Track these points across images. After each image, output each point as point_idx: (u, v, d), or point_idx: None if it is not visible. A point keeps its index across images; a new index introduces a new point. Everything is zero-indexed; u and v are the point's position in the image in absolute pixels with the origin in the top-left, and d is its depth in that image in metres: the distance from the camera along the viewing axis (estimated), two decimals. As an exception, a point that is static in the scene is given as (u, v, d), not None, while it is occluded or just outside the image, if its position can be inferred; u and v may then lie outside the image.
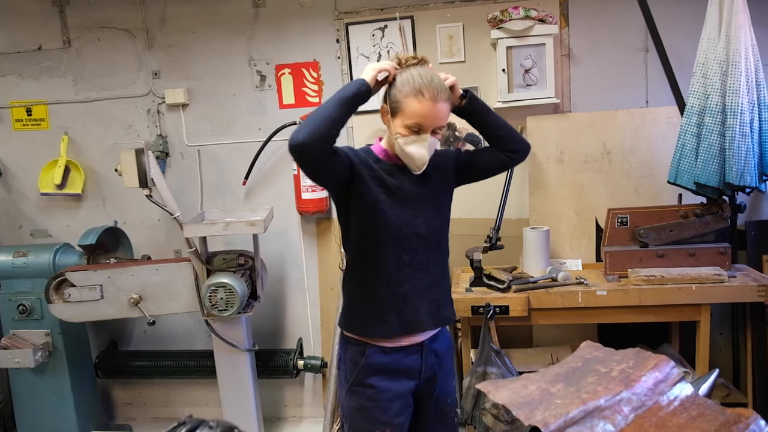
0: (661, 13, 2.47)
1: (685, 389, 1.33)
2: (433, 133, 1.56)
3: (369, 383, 1.63)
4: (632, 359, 1.40)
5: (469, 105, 1.67)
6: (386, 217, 1.58)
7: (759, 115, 2.16)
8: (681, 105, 2.39)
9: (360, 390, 1.64)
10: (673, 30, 2.51)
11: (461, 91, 1.65)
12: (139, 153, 2.40)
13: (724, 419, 1.21)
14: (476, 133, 1.79)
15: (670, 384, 1.33)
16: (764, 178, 2.22)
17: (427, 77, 1.53)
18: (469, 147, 2.72)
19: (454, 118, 1.70)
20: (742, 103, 2.11)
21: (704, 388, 1.40)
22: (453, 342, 1.79)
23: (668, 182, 2.37)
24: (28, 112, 3.08)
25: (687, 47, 2.46)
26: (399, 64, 1.58)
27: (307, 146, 1.43)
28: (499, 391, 1.33)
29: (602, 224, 2.59)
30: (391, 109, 1.56)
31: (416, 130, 1.53)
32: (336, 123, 1.47)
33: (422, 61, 1.58)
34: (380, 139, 1.68)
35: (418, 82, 1.51)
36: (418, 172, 1.60)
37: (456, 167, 1.74)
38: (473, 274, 2.51)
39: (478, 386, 1.36)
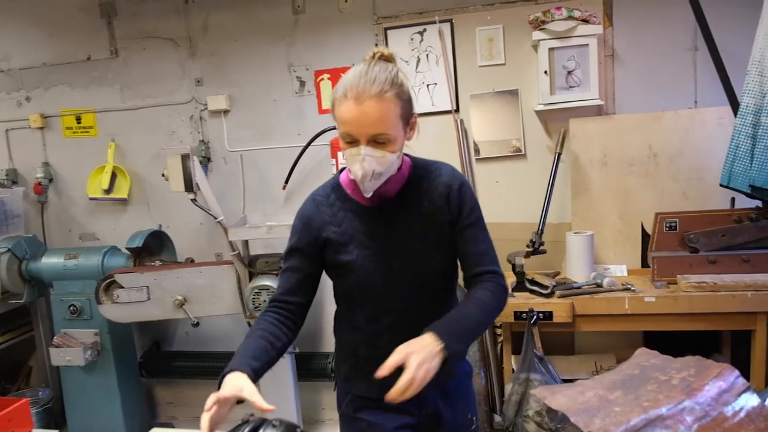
0: (711, 10, 2.40)
1: (751, 400, 1.28)
2: (376, 144, 1.22)
3: (359, 417, 1.44)
4: (693, 367, 1.36)
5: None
6: (357, 279, 1.33)
7: (819, 114, 2.07)
8: (734, 105, 2.31)
9: (350, 422, 1.47)
10: (724, 27, 2.43)
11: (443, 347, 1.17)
12: (185, 158, 2.45)
13: (796, 432, 1.16)
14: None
15: (735, 394, 1.29)
16: (825, 180, 2.13)
17: (357, 73, 1.22)
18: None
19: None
20: (801, 103, 2.02)
21: (770, 399, 1.35)
22: (470, 372, 1.54)
23: (720, 185, 2.29)
24: (78, 120, 3.19)
25: (738, 45, 2.37)
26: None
27: None
28: (555, 397, 1.31)
29: (648, 229, 2.52)
30: None
31: (350, 141, 1.24)
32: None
33: (387, 57, 1.28)
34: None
35: (343, 83, 1.23)
36: (368, 192, 1.29)
37: (454, 220, 1.35)
38: (515, 278, 2.47)
39: (533, 392, 1.34)
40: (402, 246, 1.34)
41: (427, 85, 2.75)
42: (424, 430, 1.46)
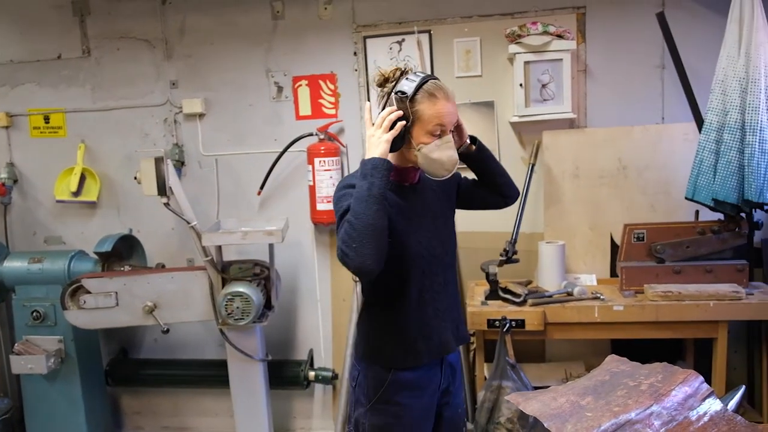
0: (678, 30, 2.50)
1: (714, 405, 1.32)
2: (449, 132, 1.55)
3: (395, 401, 1.60)
4: (660, 373, 1.40)
5: (479, 152, 1.67)
6: (408, 245, 1.54)
7: (778, 132, 2.17)
8: (699, 121, 2.41)
9: (384, 408, 1.61)
10: (691, 47, 2.53)
11: (468, 135, 1.64)
12: (159, 161, 2.41)
13: (757, 435, 1.20)
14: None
15: (700, 399, 1.33)
16: (783, 195, 2.23)
17: (431, 79, 1.51)
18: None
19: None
20: (761, 120, 2.12)
21: (732, 404, 1.39)
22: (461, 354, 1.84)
23: (686, 198, 2.38)
24: (46, 119, 3.11)
25: (704, 64, 2.48)
26: (386, 79, 1.54)
27: (377, 271, 1.41)
28: (529, 403, 1.33)
29: (617, 240, 2.59)
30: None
31: (438, 133, 1.49)
32: (386, 231, 1.42)
33: (404, 72, 1.55)
34: None
35: (427, 86, 1.49)
36: (449, 176, 1.53)
37: (458, 190, 1.74)
38: (488, 287, 2.50)
39: (507, 397, 1.36)
40: (435, 217, 1.63)
41: (405, 95, 2.78)
42: (437, 406, 1.68)
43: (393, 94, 1.48)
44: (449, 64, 2.75)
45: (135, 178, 2.48)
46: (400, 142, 1.49)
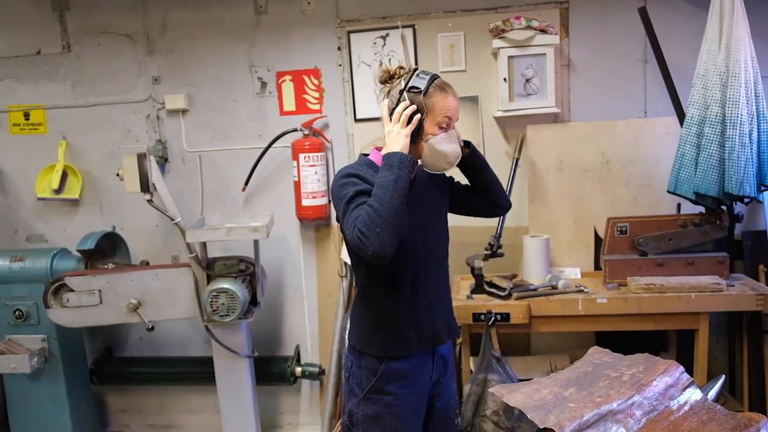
0: (660, 25, 2.52)
1: (694, 394, 1.35)
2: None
3: (387, 390, 1.63)
4: (642, 364, 1.42)
5: (472, 155, 1.72)
6: (410, 241, 1.57)
7: (758, 126, 2.20)
8: (681, 115, 2.43)
9: (376, 398, 1.64)
10: (672, 42, 2.56)
11: (462, 139, 1.69)
12: (141, 158, 2.39)
13: (735, 423, 1.22)
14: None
15: (680, 389, 1.35)
16: (762, 188, 2.26)
17: (438, 77, 1.58)
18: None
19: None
20: (741, 114, 2.15)
21: (712, 394, 1.42)
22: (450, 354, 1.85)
23: (668, 191, 2.41)
24: (26, 116, 3.06)
25: (685, 59, 2.50)
26: (393, 74, 1.60)
27: (390, 257, 1.44)
28: (512, 395, 1.34)
29: (601, 233, 2.61)
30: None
31: (445, 126, 1.56)
32: (406, 222, 1.48)
33: (407, 69, 1.61)
34: (378, 149, 1.64)
35: (437, 82, 1.57)
36: (449, 169, 1.61)
37: (450, 191, 1.79)
38: (474, 281, 2.52)
39: (491, 389, 1.37)
40: (430, 210, 1.68)
41: (390, 89, 2.78)
42: (429, 397, 1.71)
43: (406, 91, 1.54)
44: (433, 58, 2.75)
45: (117, 174, 2.45)
46: (415, 136, 1.54)
